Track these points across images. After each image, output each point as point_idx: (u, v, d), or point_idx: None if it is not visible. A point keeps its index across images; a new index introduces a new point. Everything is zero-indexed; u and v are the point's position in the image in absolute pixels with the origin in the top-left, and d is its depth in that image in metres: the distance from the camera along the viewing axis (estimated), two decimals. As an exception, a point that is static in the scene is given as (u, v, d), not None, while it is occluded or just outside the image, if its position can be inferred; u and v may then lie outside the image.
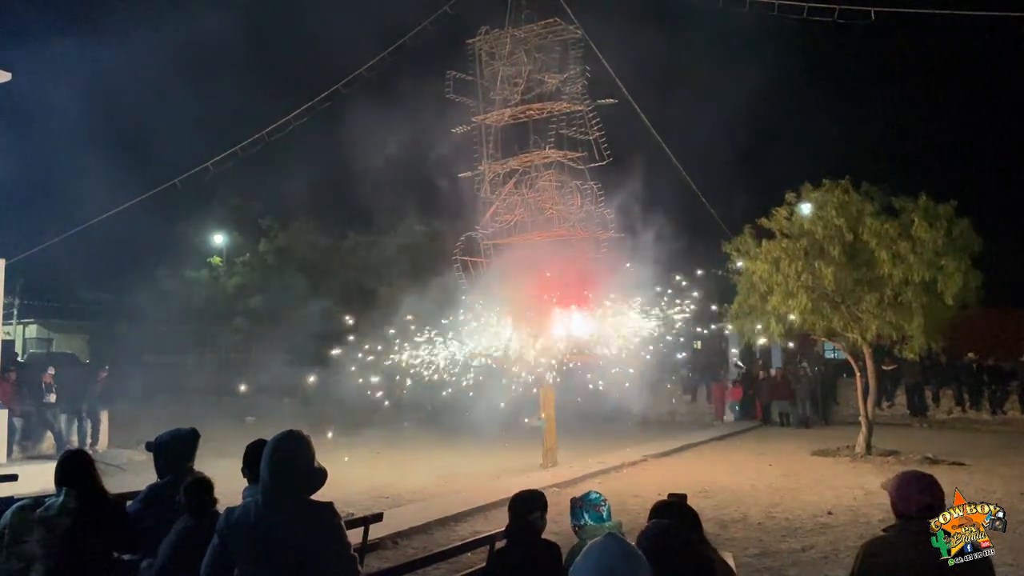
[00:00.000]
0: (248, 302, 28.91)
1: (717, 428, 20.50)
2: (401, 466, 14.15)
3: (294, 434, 3.20)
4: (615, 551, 2.27)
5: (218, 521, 3.16)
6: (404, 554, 8.03)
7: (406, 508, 10.32)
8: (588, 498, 4.05)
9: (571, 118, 14.06)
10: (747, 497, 11.31)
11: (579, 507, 4.02)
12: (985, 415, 20.60)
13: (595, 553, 2.29)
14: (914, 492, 3.31)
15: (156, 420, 17.36)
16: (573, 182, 14.02)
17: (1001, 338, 21.76)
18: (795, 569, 7.85)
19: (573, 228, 13.88)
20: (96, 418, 14.70)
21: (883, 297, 13.93)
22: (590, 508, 3.98)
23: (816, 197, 15.03)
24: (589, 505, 3.99)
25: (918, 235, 13.61)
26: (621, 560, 2.25)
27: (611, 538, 2.34)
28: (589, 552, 2.31)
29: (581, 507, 4.01)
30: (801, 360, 22.44)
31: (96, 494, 3.90)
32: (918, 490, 3.30)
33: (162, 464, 4.38)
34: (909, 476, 3.42)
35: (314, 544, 3.06)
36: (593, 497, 4.04)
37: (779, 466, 14.23)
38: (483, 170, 14.41)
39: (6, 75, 12.52)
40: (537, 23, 13.99)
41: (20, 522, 3.69)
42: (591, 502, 4.00)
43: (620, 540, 2.33)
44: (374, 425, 19.77)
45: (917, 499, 3.28)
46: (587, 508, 3.99)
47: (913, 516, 3.28)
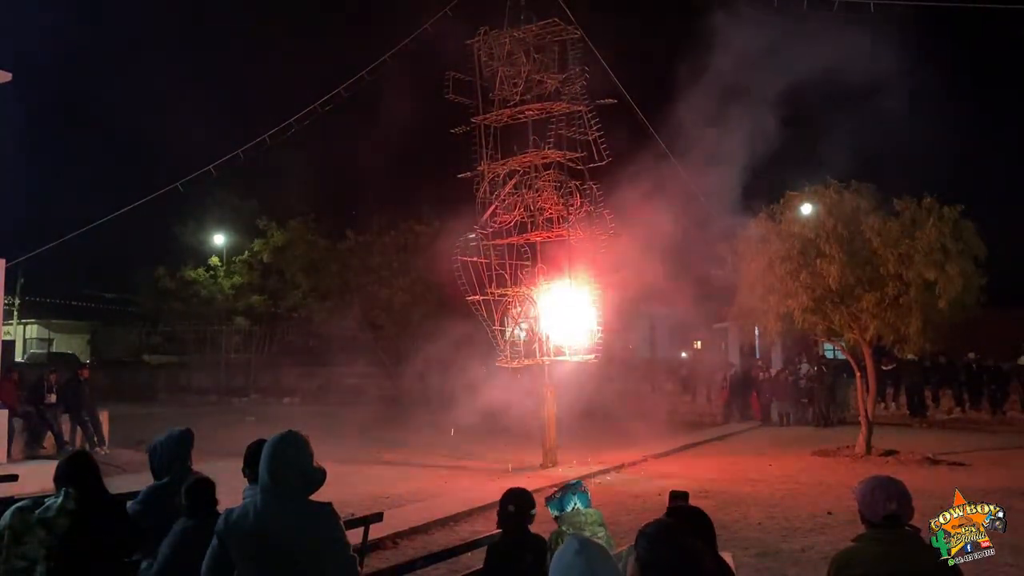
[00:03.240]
0: (248, 301, 28.91)
1: (717, 428, 20.49)
2: (401, 466, 14.13)
3: (293, 434, 3.20)
4: (574, 547, 2.28)
5: (217, 522, 3.16)
6: (404, 554, 8.03)
7: (406, 508, 10.31)
8: (554, 491, 4.31)
9: (570, 118, 14.06)
10: (747, 497, 11.31)
11: (549, 501, 4.26)
12: (985, 415, 20.60)
13: (559, 553, 2.31)
14: (879, 499, 3.22)
15: (156, 420, 17.40)
16: (573, 182, 14.03)
17: (1001, 338, 21.77)
18: (795, 569, 7.85)
19: (573, 228, 13.88)
20: (96, 419, 14.69)
21: (883, 297, 13.92)
22: (556, 499, 4.22)
23: (807, 199, 15.08)
24: (555, 497, 4.24)
25: (923, 236, 13.58)
26: (578, 555, 2.24)
27: (572, 538, 2.35)
28: (557, 554, 2.33)
29: (549, 501, 4.25)
30: (802, 360, 22.45)
31: (96, 495, 3.90)
32: (884, 497, 3.22)
33: (157, 465, 4.39)
34: (875, 482, 3.32)
35: (314, 544, 3.06)
36: (558, 490, 4.30)
37: (779, 466, 14.22)
38: (482, 170, 14.41)
39: (6, 75, 12.52)
40: (536, 23, 13.99)
41: (20, 523, 3.68)
42: (556, 494, 4.25)
43: (582, 538, 2.33)
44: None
45: (883, 506, 3.20)
46: (553, 502, 4.23)
47: (877, 524, 3.21)
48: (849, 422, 19.46)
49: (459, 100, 14.41)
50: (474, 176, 14.55)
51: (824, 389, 21.20)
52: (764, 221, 15.28)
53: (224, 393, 28.91)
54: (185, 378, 32.68)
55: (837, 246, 13.97)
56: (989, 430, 19.23)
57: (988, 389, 20.85)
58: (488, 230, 14.29)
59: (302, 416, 22.66)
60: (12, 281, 28.93)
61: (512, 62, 14.14)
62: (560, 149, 14.02)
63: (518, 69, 14.09)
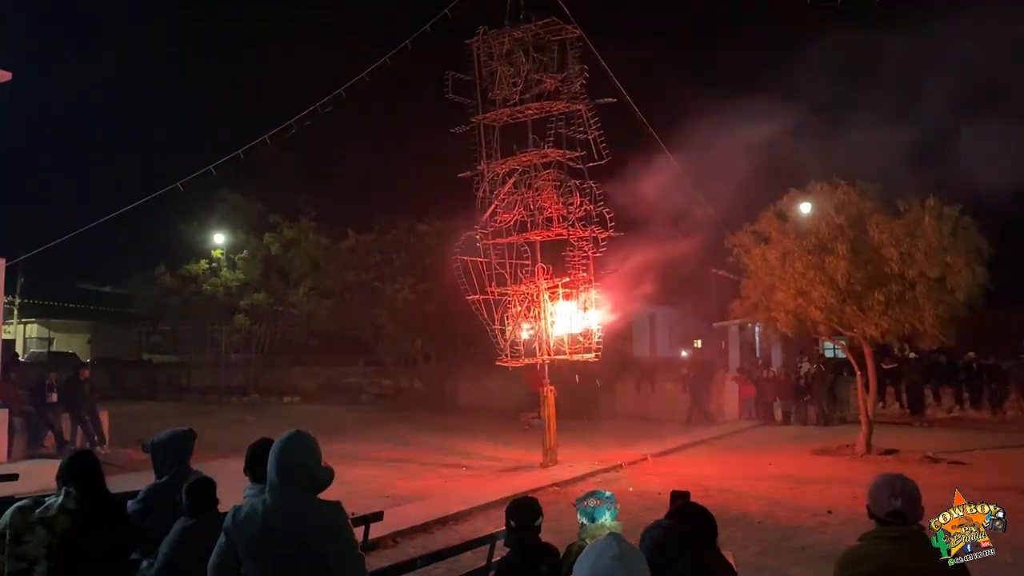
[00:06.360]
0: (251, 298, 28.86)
1: (718, 427, 20.50)
2: (401, 465, 14.14)
3: (301, 434, 3.23)
4: (613, 552, 2.27)
5: (225, 520, 3.18)
6: (404, 553, 8.03)
7: (406, 507, 10.32)
8: (589, 499, 4.05)
9: (569, 118, 14.06)
10: (747, 496, 11.32)
11: (582, 506, 4.02)
12: (985, 414, 20.60)
13: (594, 553, 2.29)
14: (885, 495, 3.23)
15: (156, 419, 17.40)
16: (572, 181, 14.03)
17: (1001, 337, 21.77)
18: (795, 568, 7.86)
19: (572, 227, 13.88)
20: (96, 418, 14.70)
21: (890, 294, 13.96)
22: (590, 509, 3.98)
23: (813, 198, 15.08)
24: (589, 506, 3.99)
25: (925, 234, 13.65)
26: (618, 561, 2.24)
27: (611, 538, 2.34)
28: (589, 552, 2.32)
29: (582, 506, 4.02)
30: (802, 358, 22.45)
31: (97, 494, 3.90)
32: (890, 493, 3.22)
33: (160, 464, 4.40)
34: (884, 478, 3.34)
35: (321, 543, 3.08)
36: (594, 498, 4.03)
37: (779, 465, 14.23)
38: (482, 170, 14.41)
39: (6, 75, 12.52)
40: (535, 23, 13.98)
41: (21, 522, 3.68)
42: (591, 503, 4.00)
43: (620, 540, 2.32)
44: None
45: (888, 502, 3.21)
46: (586, 509, 3.99)
47: (882, 519, 3.22)
48: (849, 421, 19.47)
49: (459, 100, 14.41)
50: (474, 175, 14.56)
51: (824, 388, 21.20)
52: (772, 218, 15.29)
53: (224, 392, 28.89)
54: (185, 377, 32.67)
55: (845, 244, 14.02)
56: (989, 429, 19.22)
57: (988, 388, 20.85)
58: (488, 229, 14.30)
59: (302, 415, 22.67)
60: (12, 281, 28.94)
61: (511, 61, 14.14)
62: (560, 148, 14.02)
63: (517, 68, 14.09)
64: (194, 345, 31.99)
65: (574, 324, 14.06)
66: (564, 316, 14.09)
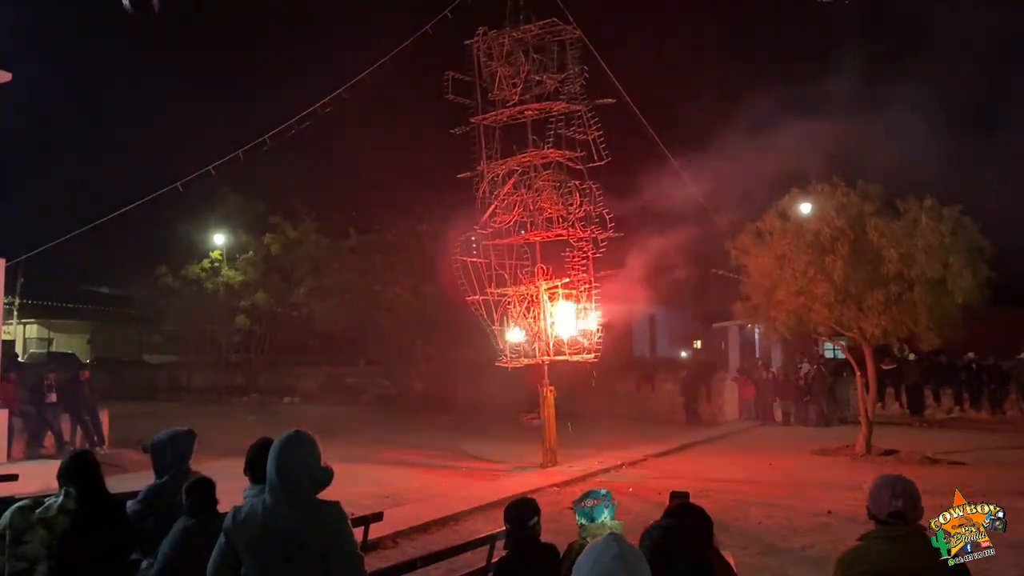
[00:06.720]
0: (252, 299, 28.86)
1: (717, 428, 20.50)
2: (401, 465, 14.14)
3: (300, 434, 3.22)
4: (614, 551, 2.27)
5: (225, 520, 3.18)
6: (404, 553, 8.03)
7: (406, 507, 10.32)
8: (586, 499, 4.05)
9: (569, 118, 14.06)
10: (747, 497, 11.32)
11: (580, 507, 4.02)
12: (985, 414, 20.60)
13: (594, 553, 2.29)
14: (886, 496, 3.23)
15: (156, 419, 17.39)
16: (572, 182, 14.03)
17: (1001, 337, 21.75)
18: (795, 569, 7.86)
19: (572, 228, 13.88)
20: (96, 418, 14.69)
21: (889, 295, 13.96)
22: (588, 509, 3.98)
23: (814, 199, 15.07)
24: (587, 506, 3.99)
25: (924, 234, 13.63)
26: (618, 561, 2.24)
27: (611, 538, 2.33)
28: (589, 551, 2.31)
29: (580, 507, 4.01)
30: (802, 359, 22.45)
31: (96, 494, 3.90)
32: (890, 494, 3.23)
33: (159, 464, 4.40)
34: (884, 479, 3.34)
35: (321, 543, 3.08)
36: (591, 498, 4.03)
37: (779, 466, 14.23)
38: (482, 170, 14.41)
39: (6, 75, 12.51)
40: (535, 23, 13.99)
41: (21, 522, 3.69)
42: (589, 503, 4.00)
43: (620, 540, 2.32)
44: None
45: (888, 503, 3.21)
46: (584, 510, 3.99)
47: (882, 520, 3.23)
48: (849, 421, 19.46)
49: (459, 101, 14.41)
50: (474, 176, 14.56)
51: (824, 389, 21.20)
52: (772, 217, 15.28)
53: (224, 392, 28.91)
54: (185, 377, 32.69)
55: (846, 245, 14.02)
56: (989, 429, 19.22)
57: (988, 388, 20.84)
58: (488, 230, 14.30)
59: (302, 415, 22.66)
60: (12, 281, 28.92)
61: (511, 62, 14.14)
62: (559, 149, 14.02)
63: (517, 69, 14.09)
64: (194, 345, 31.99)
65: (574, 324, 14.06)
66: (564, 317, 14.08)
